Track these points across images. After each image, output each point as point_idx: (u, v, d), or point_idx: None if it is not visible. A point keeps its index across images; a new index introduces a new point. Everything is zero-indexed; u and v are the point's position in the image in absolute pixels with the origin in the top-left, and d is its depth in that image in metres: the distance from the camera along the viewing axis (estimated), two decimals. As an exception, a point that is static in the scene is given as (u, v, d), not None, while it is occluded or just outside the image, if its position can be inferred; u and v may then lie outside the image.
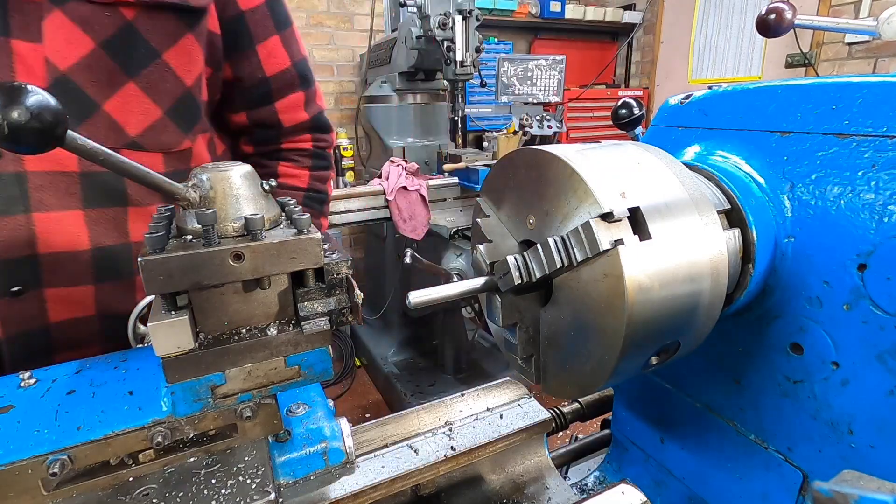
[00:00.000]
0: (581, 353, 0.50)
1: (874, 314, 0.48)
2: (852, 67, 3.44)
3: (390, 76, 3.00)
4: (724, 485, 0.68)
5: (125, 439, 0.45)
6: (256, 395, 0.49)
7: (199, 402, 0.46)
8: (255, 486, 0.46)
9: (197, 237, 0.45)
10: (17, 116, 0.33)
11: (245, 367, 0.47)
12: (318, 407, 0.63)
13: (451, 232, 2.41)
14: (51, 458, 0.42)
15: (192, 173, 0.47)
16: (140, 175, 0.41)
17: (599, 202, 0.43)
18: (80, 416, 0.45)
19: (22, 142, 0.34)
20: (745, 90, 0.62)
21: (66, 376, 0.50)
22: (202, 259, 0.42)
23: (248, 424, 0.50)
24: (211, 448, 0.49)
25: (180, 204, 0.46)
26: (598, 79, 4.87)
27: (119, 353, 0.56)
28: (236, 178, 0.47)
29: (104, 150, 0.38)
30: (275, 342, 0.48)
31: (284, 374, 0.49)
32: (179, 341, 0.43)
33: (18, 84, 0.34)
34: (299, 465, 0.57)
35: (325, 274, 0.49)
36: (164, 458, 0.48)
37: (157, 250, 0.41)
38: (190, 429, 0.48)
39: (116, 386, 0.49)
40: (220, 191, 0.46)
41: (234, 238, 0.45)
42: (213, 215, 0.42)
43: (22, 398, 0.47)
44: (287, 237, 0.45)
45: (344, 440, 0.60)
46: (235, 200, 0.46)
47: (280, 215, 0.50)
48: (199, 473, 0.48)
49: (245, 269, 0.44)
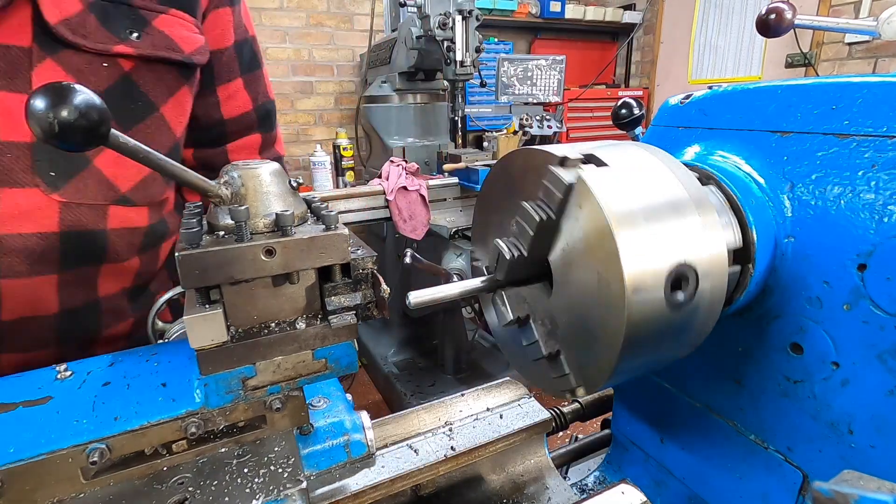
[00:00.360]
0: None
1: (874, 314, 0.48)
2: (852, 67, 3.44)
3: (390, 76, 3.00)
4: (724, 485, 0.68)
5: (160, 429, 0.46)
6: (285, 387, 0.50)
7: (231, 395, 0.48)
8: (286, 475, 0.47)
9: (229, 233, 0.46)
10: (66, 115, 0.34)
11: (275, 360, 0.48)
12: (339, 401, 0.64)
13: (451, 232, 2.41)
14: (90, 448, 0.43)
15: (224, 170, 0.48)
16: (177, 173, 0.42)
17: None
18: (117, 407, 0.46)
19: (69, 139, 0.35)
20: (745, 90, 0.62)
21: (100, 369, 0.51)
22: (236, 254, 0.44)
23: (277, 416, 0.52)
24: (241, 439, 0.51)
25: (212, 201, 0.47)
26: (598, 79, 4.88)
27: (148, 346, 0.57)
28: (266, 175, 0.48)
29: (144, 148, 0.39)
30: (303, 336, 0.49)
31: (312, 367, 0.50)
32: (214, 334, 0.44)
33: (67, 84, 0.35)
34: (322, 458, 0.58)
35: (351, 269, 0.50)
36: (196, 448, 0.49)
37: (194, 245, 0.43)
38: (221, 420, 0.49)
39: (149, 378, 0.50)
40: (251, 188, 0.47)
41: (265, 234, 0.47)
42: (246, 212, 0.44)
43: (59, 389, 0.48)
44: (316, 233, 0.47)
45: (365, 433, 0.61)
46: (265, 197, 0.48)
47: (307, 212, 0.52)
48: (231, 463, 0.49)
49: (276, 264, 0.45)
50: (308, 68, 4.12)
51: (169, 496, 0.45)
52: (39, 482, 0.43)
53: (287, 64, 4.03)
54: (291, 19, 3.99)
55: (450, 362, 2.99)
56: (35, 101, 0.34)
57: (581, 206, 0.44)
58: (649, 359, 0.50)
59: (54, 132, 0.34)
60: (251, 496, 0.45)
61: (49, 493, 0.43)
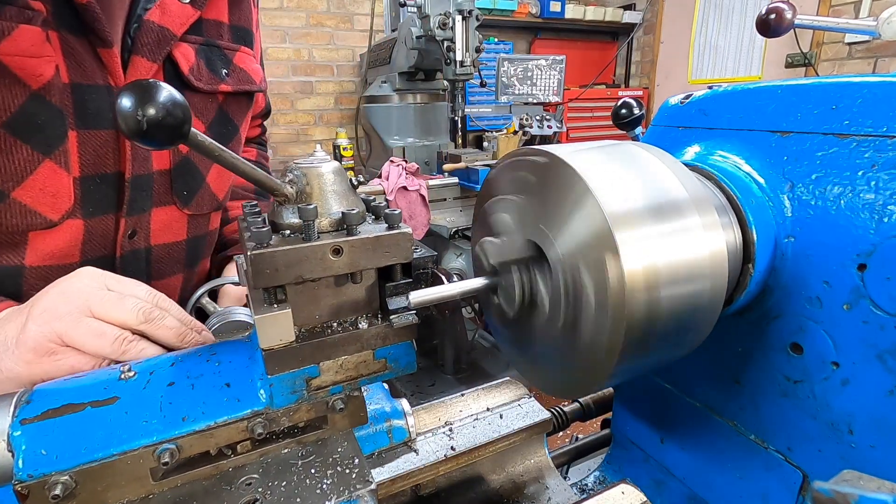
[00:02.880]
0: (579, 355, 0.50)
1: (874, 314, 0.48)
2: (852, 67, 3.44)
3: (390, 76, 3.00)
4: (724, 485, 0.68)
5: (227, 430, 0.46)
6: (346, 387, 0.50)
7: (295, 395, 0.48)
8: (354, 475, 0.47)
9: (294, 232, 0.46)
10: (153, 113, 0.34)
11: (338, 360, 0.48)
12: (378, 389, 0.66)
13: (451, 232, 2.41)
14: (161, 448, 0.43)
15: (288, 169, 0.49)
16: (247, 171, 0.43)
17: (612, 233, 0.42)
18: (184, 407, 0.46)
19: (156, 137, 0.35)
20: (745, 90, 0.62)
21: (163, 369, 0.51)
22: (306, 253, 0.43)
23: (338, 416, 0.51)
24: (302, 439, 0.50)
25: (278, 199, 0.47)
26: (598, 79, 4.88)
27: (206, 346, 0.58)
28: (328, 173, 0.48)
29: (219, 146, 0.40)
30: (365, 335, 0.49)
31: (373, 367, 0.50)
32: (282, 334, 0.44)
33: (152, 81, 0.35)
34: (366, 443, 0.60)
35: (412, 269, 0.50)
36: (260, 448, 0.49)
37: (264, 245, 0.42)
38: (285, 420, 0.49)
39: (213, 378, 0.50)
40: (315, 187, 0.47)
41: (330, 233, 0.46)
42: (314, 211, 0.43)
43: (125, 389, 0.48)
44: (381, 232, 0.46)
45: (406, 419, 0.63)
46: (329, 196, 0.47)
47: (365, 211, 0.51)
48: (296, 464, 0.48)
49: (343, 264, 0.45)
50: (308, 68, 4.12)
51: (239, 497, 0.44)
52: (111, 482, 0.42)
53: (287, 64, 4.03)
54: (291, 19, 3.99)
55: (450, 362, 2.99)
56: (123, 100, 0.34)
57: (581, 206, 0.44)
58: (649, 359, 0.50)
59: (142, 130, 0.34)
60: (323, 497, 0.44)
61: (120, 493, 0.43)
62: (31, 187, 0.67)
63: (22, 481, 0.39)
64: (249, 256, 0.41)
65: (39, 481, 0.40)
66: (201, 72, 0.83)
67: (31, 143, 0.66)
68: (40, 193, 0.68)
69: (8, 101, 0.63)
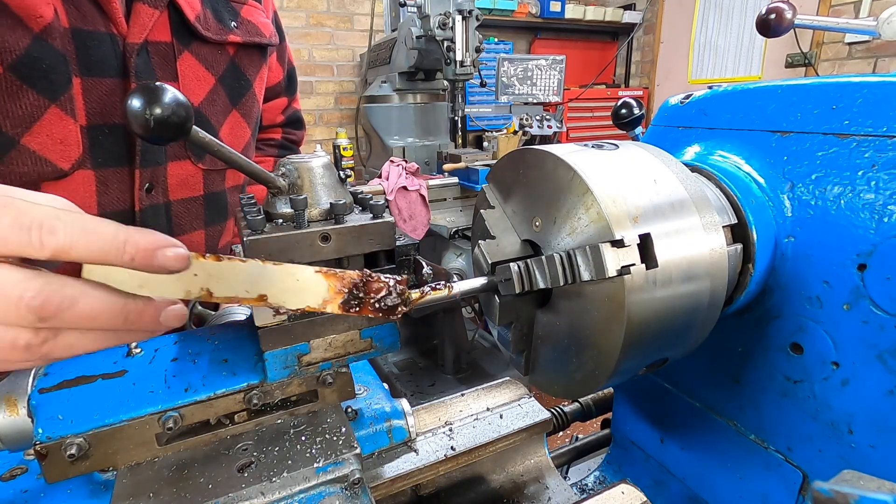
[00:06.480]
0: (572, 363, 0.50)
1: (874, 314, 0.48)
2: (852, 67, 3.45)
3: (390, 76, 3.00)
4: (724, 485, 0.68)
5: (226, 401, 0.50)
6: (335, 364, 0.54)
7: (287, 370, 0.52)
8: (341, 442, 0.51)
9: (286, 221, 0.50)
10: (160, 112, 0.38)
11: (327, 339, 0.52)
12: (378, 389, 0.67)
13: (451, 232, 2.41)
14: (166, 415, 0.48)
15: (280, 163, 0.53)
16: (243, 165, 0.47)
17: (612, 229, 0.43)
18: (186, 380, 0.50)
19: (162, 134, 0.39)
20: (745, 90, 0.62)
21: (167, 346, 0.56)
22: (297, 239, 0.48)
23: (328, 390, 0.55)
24: (295, 411, 0.55)
25: (271, 191, 0.51)
26: (598, 79, 4.88)
27: (205, 328, 0.62)
28: (318, 167, 0.52)
29: (217, 142, 0.44)
30: (352, 316, 0.52)
31: (359, 345, 0.55)
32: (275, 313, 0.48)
33: (158, 84, 0.39)
34: (366, 442, 0.61)
35: (395, 255, 0.54)
36: (255, 418, 0.53)
37: (258, 231, 0.47)
38: (279, 393, 0.53)
39: (213, 354, 0.54)
40: (306, 179, 0.51)
41: (319, 222, 0.51)
42: (305, 201, 0.48)
43: (133, 364, 0.53)
44: (366, 221, 0.51)
45: (406, 419, 0.65)
46: (318, 188, 0.52)
47: (353, 203, 0.55)
48: (288, 432, 0.53)
49: (330, 250, 0.49)
50: (308, 68, 4.13)
51: (236, 460, 0.49)
52: (120, 446, 0.47)
53: (287, 64, 4.03)
54: (291, 19, 3.99)
55: (450, 362, 2.99)
56: (132, 101, 0.38)
57: (609, 299, 0.44)
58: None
59: (150, 128, 0.38)
60: (311, 460, 0.49)
61: (128, 456, 0.48)
62: (38, 133, 0.68)
63: (41, 443, 0.43)
64: (245, 242, 0.45)
65: (57, 443, 0.44)
66: (208, 21, 0.83)
67: (37, 87, 0.67)
68: (48, 140, 0.69)
69: (12, 44, 0.63)
